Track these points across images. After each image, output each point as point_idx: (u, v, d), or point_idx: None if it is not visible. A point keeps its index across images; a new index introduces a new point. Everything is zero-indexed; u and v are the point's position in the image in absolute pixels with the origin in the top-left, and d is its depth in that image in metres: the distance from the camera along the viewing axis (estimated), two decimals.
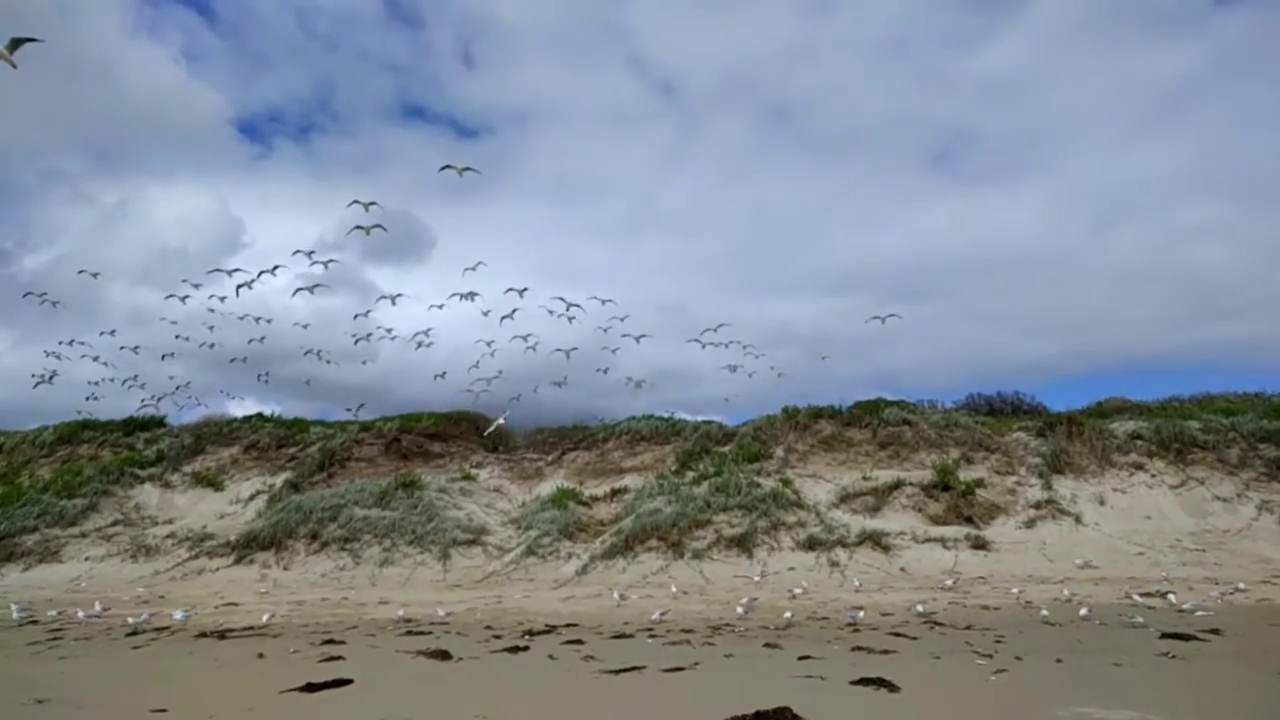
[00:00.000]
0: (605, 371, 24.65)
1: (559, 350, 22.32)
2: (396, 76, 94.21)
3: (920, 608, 11.56)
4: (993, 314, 64.80)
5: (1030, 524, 18.43)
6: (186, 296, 22.09)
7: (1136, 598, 12.19)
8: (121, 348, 23.37)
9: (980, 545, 17.26)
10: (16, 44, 9.99)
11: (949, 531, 17.95)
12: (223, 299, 21.86)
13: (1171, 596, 12.11)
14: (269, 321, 23.97)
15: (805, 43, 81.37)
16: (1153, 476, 20.03)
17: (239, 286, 20.67)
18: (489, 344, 21.30)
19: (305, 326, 23.24)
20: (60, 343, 23.38)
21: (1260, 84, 68.93)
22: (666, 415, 25.78)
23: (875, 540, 17.42)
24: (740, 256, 78.15)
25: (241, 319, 22.98)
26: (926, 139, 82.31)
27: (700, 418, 25.86)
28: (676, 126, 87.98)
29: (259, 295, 23.95)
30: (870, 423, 22.78)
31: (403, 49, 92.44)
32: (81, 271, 20.06)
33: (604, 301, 18.72)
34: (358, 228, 16.50)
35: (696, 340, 21.55)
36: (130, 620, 11.68)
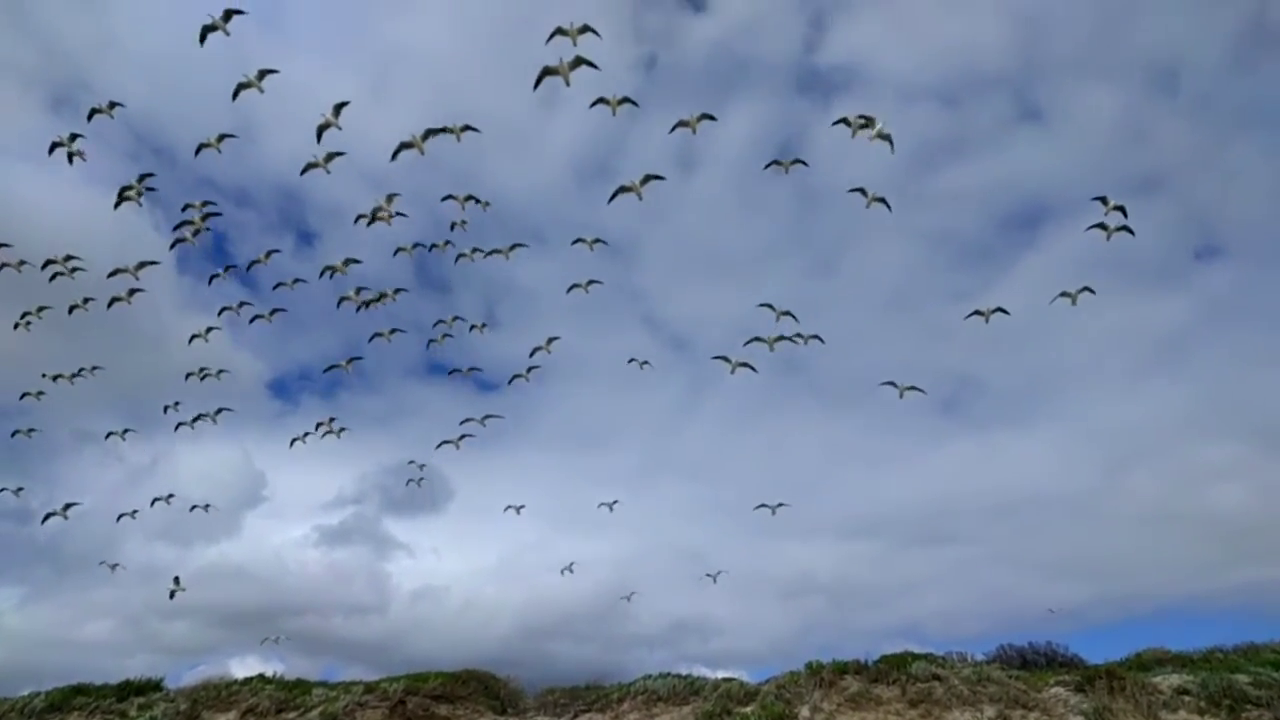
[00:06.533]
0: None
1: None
2: (423, 336, 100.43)
3: None
4: (1016, 558, 63.12)
5: None
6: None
7: None
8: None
9: None
10: None
11: None
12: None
13: None
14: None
15: (811, 301, 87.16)
16: None
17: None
18: None
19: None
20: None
21: (1251, 329, 72.87)
22: (684, 673, 24.61)
23: None
24: (755, 501, 78.02)
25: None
26: (933, 385, 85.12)
27: (720, 674, 24.67)
28: (689, 378, 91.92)
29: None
30: (898, 678, 21.59)
31: (430, 311, 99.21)
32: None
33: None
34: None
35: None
36: None
